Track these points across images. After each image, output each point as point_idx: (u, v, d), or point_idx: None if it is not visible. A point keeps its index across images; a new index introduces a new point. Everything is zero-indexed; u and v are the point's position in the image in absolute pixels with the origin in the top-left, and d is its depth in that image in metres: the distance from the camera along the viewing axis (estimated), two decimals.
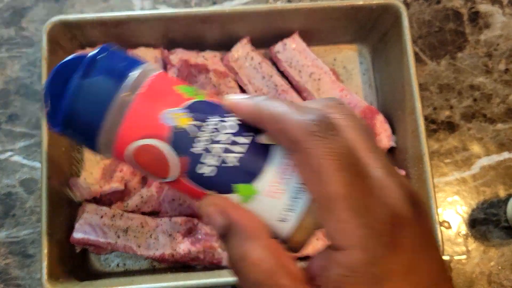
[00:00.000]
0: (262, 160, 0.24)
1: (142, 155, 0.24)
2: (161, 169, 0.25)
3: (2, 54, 0.61)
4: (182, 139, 0.24)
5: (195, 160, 0.24)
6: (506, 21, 0.64)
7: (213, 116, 0.25)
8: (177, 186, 0.25)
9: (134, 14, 0.55)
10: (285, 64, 0.58)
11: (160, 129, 0.24)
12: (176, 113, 0.24)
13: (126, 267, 0.54)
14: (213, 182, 0.24)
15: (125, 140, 0.24)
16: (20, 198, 0.57)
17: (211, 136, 0.24)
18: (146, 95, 0.24)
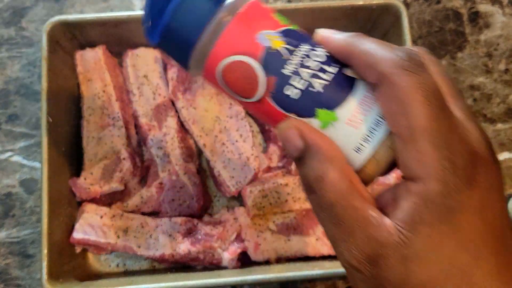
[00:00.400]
0: (346, 90, 0.25)
1: (232, 72, 0.26)
2: (248, 87, 0.26)
3: (2, 54, 0.61)
4: (274, 60, 0.25)
5: (283, 81, 0.25)
6: (506, 21, 0.64)
7: (304, 44, 0.26)
8: (258, 107, 0.26)
9: (134, 14, 0.55)
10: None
11: (254, 48, 0.25)
12: (271, 35, 0.26)
13: (126, 267, 0.54)
14: (296, 105, 0.25)
15: (218, 55, 0.26)
16: (20, 198, 0.57)
17: (301, 61, 0.25)
18: (245, 15, 0.26)
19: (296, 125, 0.25)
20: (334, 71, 0.25)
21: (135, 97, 0.57)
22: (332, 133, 0.25)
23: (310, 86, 0.25)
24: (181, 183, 0.54)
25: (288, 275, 0.47)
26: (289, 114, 0.26)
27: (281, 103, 0.26)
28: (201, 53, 0.26)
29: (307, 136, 0.25)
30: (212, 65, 0.26)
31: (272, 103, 0.26)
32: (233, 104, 0.56)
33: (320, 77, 0.25)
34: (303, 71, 0.25)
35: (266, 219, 0.52)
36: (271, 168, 0.56)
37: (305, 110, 0.25)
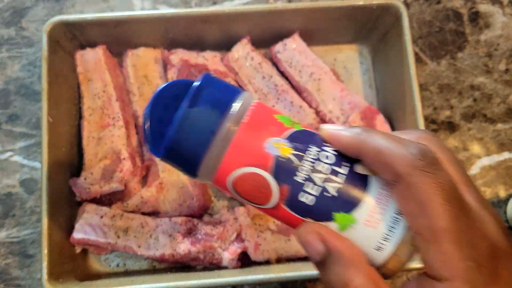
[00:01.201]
0: (361, 189, 0.25)
1: (244, 183, 0.26)
2: (261, 197, 0.26)
3: (2, 54, 0.61)
4: (285, 168, 0.25)
5: (296, 189, 0.25)
6: (506, 21, 0.64)
7: (312, 146, 0.26)
8: (274, 212, 0.26)
9: (135, 14, 0.55)
10: (285, 64, 0.58)
11: (264, 158, 0.25)
12: (279, 143, 0.25)
13: (126, 267, 0.54)
14: (312, 211, 0.25)
15: (228, 168, 0.26)
16: (20, 198, 0.57)
17: (311, 166, 0.25)
18: (250, 124, 0.26)
19: (316, 229, 0.25)
20: (346, 171, 0.25)
21: (135, 97, 0.57)
22: (351, 235, 0.25)
23: (324, 191, 0.25)
24: (181, 183, 0.54)
25: (288, 275, 0.47)
26: (306, 219, 0.26)
27: (297, 210, 0.25)
28: (210, 166, 0.26)
29: (328, 241, 0.24)
30: (222, 177, 0.26)
31: (288, 209, 0.26)
32: None
33: (333, 180, 0.25)
34: (315, 176, 0.25)
35: (266, 219, 0.52)
36: None
37: (322, 215, 0.25)
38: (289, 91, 0.57)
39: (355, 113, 0.55)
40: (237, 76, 0.57)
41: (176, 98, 0.26)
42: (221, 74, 0.57)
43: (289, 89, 0.57)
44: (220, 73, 0.57)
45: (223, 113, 0.25)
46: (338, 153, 0.26)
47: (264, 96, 0.57)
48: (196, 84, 0.26)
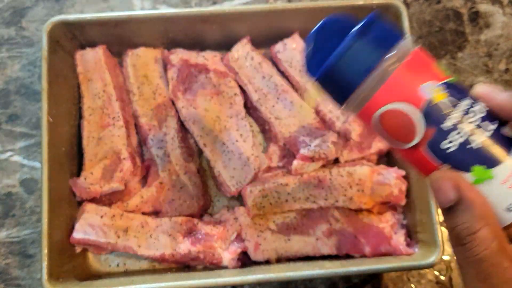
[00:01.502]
0: (504, 149, 0.26)
1: (391, 118, 0.27)
2: (404, 135, 0.27)
3: (2, 54, 0.61)
4: (435, 112, 0.26)
5: (442, 134, 0.26)
6: (506, 21, 0.64)
7: (464, 98, 0.27)
8: (411, 153, 0.27)
9: (134, 14, 0.55)
10: (285, 64, 0.58)
11: (417, 98, 0.26)
12: (435, 88, 0.27)
13: (126, 267, 0.54)
14: (452, 158, 0.26)
15: (380, 101, 0.27)
16: (20, 198, 0.57)
17: (461, 116, 0.26)
18: (410, 64, 0.27)
19: (452, 177, 0.26)
20: (493, 128, 0.26)
21: (135, 97, 0.57)
22: (485, 190, 0.26)
23: (468, 142, 0.26)
24: (181, 183, 0.54)
25: (288, 275, 0.47)
26: (443, 166, 0.26)
27: (437, 154, 0.26)
28: (363, 97, 0.27)
29: (462, 189, 0.25)
30: (371, 109, 0.27)
31: (427, 153, 0.27)
32: (233, 104, 0.57)
33: (479, 133, 0.26)
34: (463, 126, 0.26)
35: (266, 219, 0.52)
36: (271, 168, 0.56)
37: (460, 164, 0.26)
38: (289, 91, 0.57)
39: None
40: (237, 76, 0.57)
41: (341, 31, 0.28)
42: (221, 74, 0.57)
43: (289, 89, 0.57)
44: (220, 73, 0.57)
45: (388, 49, 0.27)
46: (488, 112, 0.27)
47: (264, 96, 0.57)
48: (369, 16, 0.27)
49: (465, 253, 0.25)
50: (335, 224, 0.52)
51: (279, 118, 0.56)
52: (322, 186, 0.53)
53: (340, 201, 0.52)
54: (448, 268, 0.56)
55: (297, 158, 0.52)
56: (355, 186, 0.52)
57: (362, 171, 0.53)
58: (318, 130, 0.55)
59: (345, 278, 0.55)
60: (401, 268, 0.48)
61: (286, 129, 0.55)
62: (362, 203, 0.53)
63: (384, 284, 0.55)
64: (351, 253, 0.51)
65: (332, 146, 0.52)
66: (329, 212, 0.53)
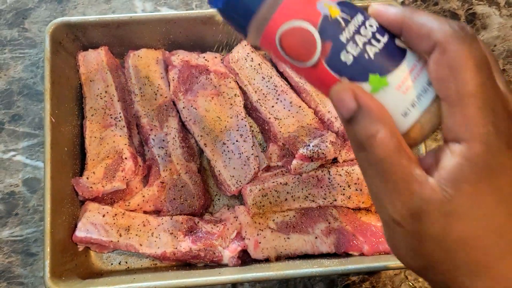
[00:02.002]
0: (397, 58, 0.27)
1: (291, 37, 0.27)
2: (305, 52, 0.28)
3: (5, 55, 0.62)
4: (331, 27, 0.27)
5: (338, 47, 0.27)
6: (503, 22, 0.65)
7: (359, 14, 0.28)
8: (312, 71, 0.28)
9: (136, 16, 0.55)
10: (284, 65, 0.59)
11: (314, 15, 0.27)
12: (329, 4, 0.28)
13: (128, 265, 0.55)
14: (349, 70, 0.27)
15: (279, 21, 0.27)
16: (23, 198, 0.57)
17: (355, 29, 0.27)
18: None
19: (351, 87, 0.26)
20: (386, 40, 0.27)
21: (137, 97, 0.57)
22: (382, 98, 0.27)
23: (363, 52, 0.27)
24: (182, 182, 0.55)
25: (287, 273, 0.47)
26: (341, 78, 0.27)
27: (335, 68, 0.27)
28: (262, 18, 0.28)
29: (361, 98, 0.26)
30: (272, 31, 0.28)
31: (327, 67, 0.27)
32: (233, 105, 0.57)
33: (373, 44, 0.27)
34: (358, 38, 0.27)
35: (266, 218, 0.53)
36: (271, 167, 0.57)
37: (357, 75, 0.27)
38: (288, 92, 0.57)
39: None
40: (237, 77, 0.58)
41: None
42: (222, 74, 0.58)
43: (289, 89, 0.58)
44: (221, 74, 0.58)
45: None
46: (380, 26, 0.28)
47: (264, 96, 0.57)
48: None
49: (366, 156, 0.26)
50: (334, 222, 0.53)
51: (279, 118, 0.56)
52: (321, 185, 0.53)
53: (339, 200, 0.53)
54: None
55: (296, 157, 0.53)
56: (353, 185, 0.53)
57: (360, 171, 0.53)
58: (317, 130, 0.56)
59: (343, 276, 0.56)
60: (399, 266, 0.48)
61: (286, 129, 0.56)
62: (360, 202, 0.53)
63: (382, 282, 0.56)
64: (350, 251, 0.52)
65: (330, 146, 0.53)
66: (328, 211, 0.53)
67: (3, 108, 0.60)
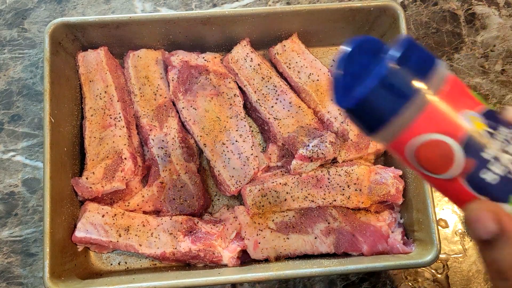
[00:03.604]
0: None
1: (428, 149, 0.26)
2: (441, 166, 0.26)
3: (4, 55, 0.62)
4: (475, 143, 0.25)
5: (481, 165, 0.25)
6: (502, 23, 0.65)
7: (503, 126, 0.26)
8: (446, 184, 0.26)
9: (136, 16, 0.55)
10: (284, 65, 0.59)
11: (456, 128, 0.25)
12: (474, 116, 0.26)
13: (127, 265, 0.55)
14: (490, 189, 0.25)
15: (416, 131, 0.26)
16: (22, 198, 0.57)
17: (501, 146, 0.25)
18: (447, 92, 0.26)
19: (492, 208, 0.25)
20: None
21: (136, 97, 0.57)
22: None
23: (509, 172, 0.25)
24: (181, 182, 0.55)
25: (287, 273, 0.47)
26: (481, 197, 0.26)
27: (475, 186, 0.26)
28: (397, 126, 0.26)
29: (504, 221, 0.24)
30: (405, 139, 0.26)
31: (465, 184, 0.26)
32: (233, 105, 0.57)
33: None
34: (504, 156, 0.25)
35: (266, 218, 0.53)
36: (270, 167, 0.57)
37: (499, 195, 0.25)
38: (288, 92, 0.57)
39: None
40: (237, 77, 0.58)
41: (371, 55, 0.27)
42: (221, 75, 0.58)
43: (288, 89, 0.58)
44: (220, 74, 0.58)
45: (425, 77, 0.25)
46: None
47: (263, 96, 0.57)
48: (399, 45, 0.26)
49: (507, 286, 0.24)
50: (333, 223, 0.53)
51: (278, 119, 0.56)
52: (320, 185, 0.53)
53: (338, 200, 0.53)
54: (445, 266, 0.56)
55: (295, 158, 0.53)
56: (352, 185, 0.53)
57: (359, 171, 0.53)
58: (317, 130, 0.56)
59: (343, 276, 0.56)
60: (398, 266, 0.48)
61: (285, 129, 0.56)
62: (360, 202, 0.53)
63: (381, 282, 0.56)
64: (349, 251, 0.52)
65: (330, 146, 0.53)
66: (327, 211, 0.53)
67: (2, 109, 0.60)
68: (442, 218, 0.58)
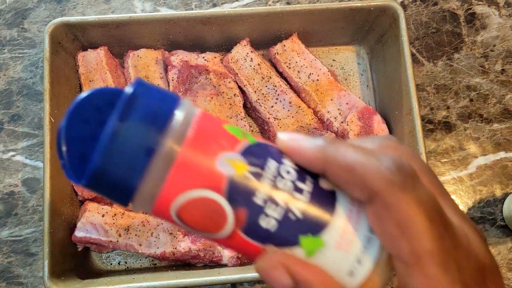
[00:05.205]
0: (329, 208, 0.22)
1: (191, 210, 0.21)
2: (213, 224, 0.22)
3: (4, 55, 0.62)
4: (241, 189, 0.21)
5: (255, 213, 0.21)
6: (502, 22, 0.65)
7: (270, 160, 0.22)
8: (228, 242, 0.22)
9: (135, 16, 0.55)
10: (284, 65, 0.59)
11: (215, 178, 0.21)
12: (232, 159, 0.21)
13: (127, 265, 0.55)
14: (274, 236, 0.22)
15: (171, 193, 0.21)
16: (22, 197, 0.57)
17: (271, 184, 0.22)
18: (196, 139, 0.21)
19: (280, 260, 0.22)
20: (311, 188, 0.22)
21: None
22: (321, 260, 0.22)
23: (288, 212, 0.21)
24: None
25: None
26: (266, 246, 0.22)
27: (256, 236, 0.22)
28: (148, 193, 0.21)
29: (295, 272, 0.21)
30: (164, 205, 0.21)
31: (245, 237, 0.22)
32: (233, 105, 0.57)
33: (297, 199, 0.22)
34: (277, 196, 0.21)
35: None
36: None
37: (285, 240, 0.22)
38: (288, 92, 0.58)
39: (352, 113, 0.56)
40: (237, 76, 0.58)
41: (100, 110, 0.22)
42: (221, 75, 0.58)
43: (288, 89, 0.58)
44: (220, 74, 0.58)
45: (162, 127, 0.21)
46: (298, 171, 0.22)
47: (263, 96, 0.57)
48: (126, 92, 0.21)
49: None
50: None
51: (278, 118, 0.56)
52: None
53: None
54: None
55: None
56: None
57: None
58: (316, 130, 0.56)
59: None
60: None
61: (285, 129, 0.56)
62: None
63: None
64: None
65: None
66: None
67: (2, 108, 0.60)
68: None
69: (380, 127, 0.56)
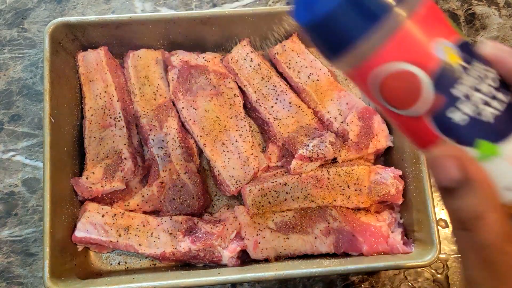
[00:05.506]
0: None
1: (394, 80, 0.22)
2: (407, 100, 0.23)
3: (4, 55, 0.62)
4: (447, 77, 0.22)
5: (451, 103, 0.22)
6: (502, 23, 0.65)
7: (477, 62, 0.23)
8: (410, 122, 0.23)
9: (135, 16, 0.55)
10: (284, 65, 0.59)
11: (428, 59, 0.22)
12: (449, 47, 0.22)
13: (127, 265, 0.55)
14: (458, 131, 0.23)
15: (382, 59, 0.22)
16: (22, 198, 0.57)
17: (474, 83, 0.22)
18: (422, 17, 0.22)
19: (457, 154, 0.22)
20: (507, 99, 0.23)
21: (136, 97, 0.57)
22: (490, 167, 0.23)
23: (479, 113, 0.22)
24: (181, 182, 0.55)
25: (287, 273, 0.47)
26: (446, 139, 0.23)
27: (441, 126, 0.23)
28: (363, 51, 0.22)
29: (469, 170, 0.22)
30: (370, 67, 0.23)
31: (431, 123, 0.23)
32: (233, 105, 0.57)
33: (491, 105, 0.22)
34: (475, 95, 0.22)
35: (265, 218, 0.53)
36: (270, 167, 0.57)
37: (466, 138, 0.23)
38: (288, 92, 0.57)
39: (352, 113, 0.56)
40: (237, 77, 0.58)
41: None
42: (221, 75, 0.58)
43: (288, 89, 0.58)
44: (220, 74, 0.58)
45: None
46: (501, 80, 0.23)
47: (263, 96, 0.57)
48: None
49: (469, 238, 0.23)
50: (333, 223, 0.53)
51: (278, 119, 0.56)
52: (320, 185, 0.53)
53: (338, 200, 0.53)
54: (445, 267, 0.56)
55: (295, 158, 0.53)
56: (352, 185, 0.53)
57: (359, 171, 0.54)
58: (317, 130, 0.56)
59: (343, 276, 0.56)
60: (398, 266, 0.48)
61: (285, 129, 0.56)
62: (360, 202, 0.53)
63: (381, 282, 0.56)
64: (349, 251, 0.52)
65: (330, 146, 0.53)
66: (327, 211, 0.53)
67: (2, 108, 0.60)
68: (442, 218, 0.58)
69: (380, 127, 0.56)
